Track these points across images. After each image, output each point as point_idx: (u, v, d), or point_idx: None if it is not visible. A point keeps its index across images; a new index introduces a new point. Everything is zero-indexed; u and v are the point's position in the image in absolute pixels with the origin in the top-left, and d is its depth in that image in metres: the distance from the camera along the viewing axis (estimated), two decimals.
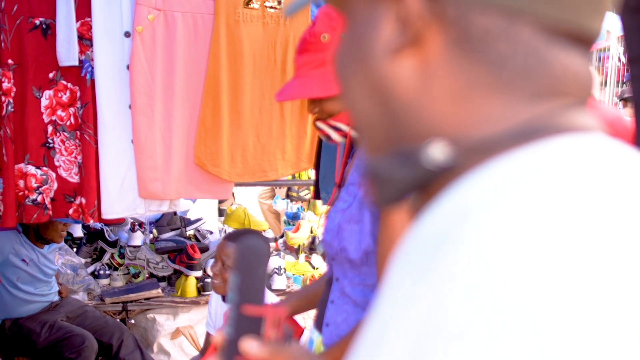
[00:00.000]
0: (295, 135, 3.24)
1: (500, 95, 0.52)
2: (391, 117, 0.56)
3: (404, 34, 0.53)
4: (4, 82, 2.90)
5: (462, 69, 0.52)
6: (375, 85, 0.56)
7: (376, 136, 0.59)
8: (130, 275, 4.62)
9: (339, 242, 1.71)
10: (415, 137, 0.54)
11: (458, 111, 0.52)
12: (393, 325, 0.44)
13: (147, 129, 3.00)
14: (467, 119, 0.52)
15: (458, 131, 0.52)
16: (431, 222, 0.48)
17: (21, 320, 3.76)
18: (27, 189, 2.99)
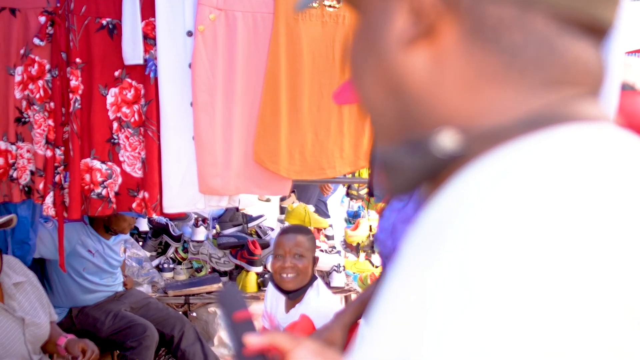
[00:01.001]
0: (354, 133, 3.25)
1: (511, 85, 0.52)
2: (403, 108, 0.57)
3: (418, 25, 0.54)
4: (72, 80, 3.01)
5: (474, 59, 0.52)
6: (387, 77, 0.57)
7: (388, 125, 0.60)
8: (193, 270, 4.72)
9: (392, 242, 1.73)
10: (426, 126, 0.55)
11: (469, 101, 0.53)
12: (391, 306, 0.46)
13: (207, 126, 3.07)
14: (478, 108, 0.53)
15: (468, 120, 0.53)
16: (436, 209, 0.50)
17: (87, 308, 3.90)
18: (92, 182, 3.10)
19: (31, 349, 2.82)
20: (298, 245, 3.00)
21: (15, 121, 3.07)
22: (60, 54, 2.99)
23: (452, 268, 0.42)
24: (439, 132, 0.53)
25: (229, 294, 1.10)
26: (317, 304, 2.95)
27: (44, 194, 3.05)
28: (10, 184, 3.12)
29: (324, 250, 4.85)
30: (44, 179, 3.05)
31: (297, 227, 3.16)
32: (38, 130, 3.05)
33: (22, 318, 2.77)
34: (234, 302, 1.07)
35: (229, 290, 1.12)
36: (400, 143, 0.57)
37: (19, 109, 3.06)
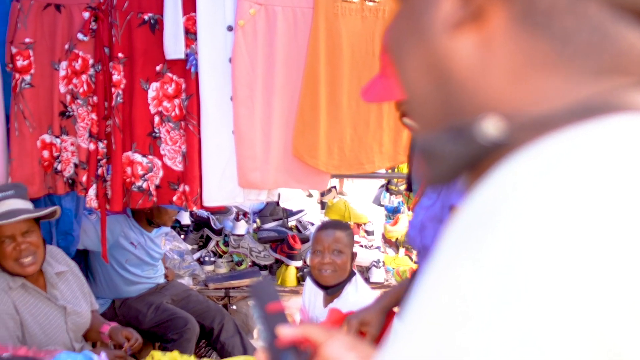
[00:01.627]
0: (393, 128, 3.23)
1: (560, 72, 0.50)
2: (446, 93, 0.55)
3: (465, 9, 0.52)
4: (114, 74, 3.06)
5: (523, 44, 0.51)
6: (431, 62, 0.55)
7: (429, 112, 0.58)
8: (234, 263, 4.77)
9: (421, 239, 1.72)
10: (469, 113, 0.53)
11: (516, 88, 0.51)
12: (428, 300, 0.45)
13: (247, 120, 3.09)
14: (525, 96, 0.51)
15: (514, 108, 0.51)
16: (478, 200, 0.48)
17: (129, 300, 3.96)
18: (133, 176, 3.14)
19: (73, 337, 2.88)
20: (337, 241, 3.00)
21: (60, 115, 3.14)
22: (103, 48, 3.04)
23: (499, 260, 0.41)
24: (483, 119, 0.51)
25: (262, 286, 1.09)
26: (355, 299, 2.95)
27: (87, 187, 3.10)
28: (54, 176, 3.19)
29: (364, 246, 4.85)
30: (87, 172, 3.10)
31: (336, 222, 3.16)
32: (81, 124, 3.11)
33: (64, 307, 2.84)
34: (268, 294, 1.07)
35: (262, 283, 1.13)
36: (442, 130, 0.55)
37: (64, 102, 3.12)
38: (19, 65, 3.06)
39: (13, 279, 2.68)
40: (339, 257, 2.98)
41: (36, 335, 2.70)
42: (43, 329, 2.74)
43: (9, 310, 2.62)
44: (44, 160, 3.16)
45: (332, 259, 2.97)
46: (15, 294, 2.67)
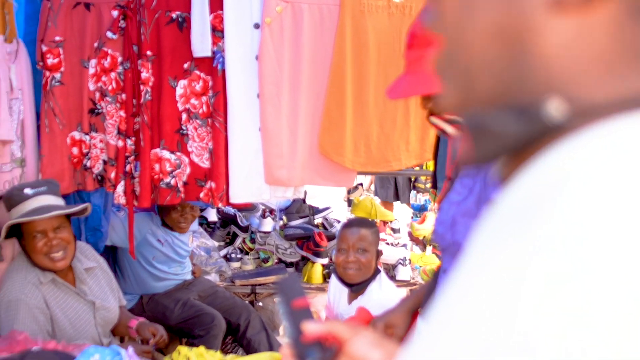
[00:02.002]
0: (420, 126, 3.22)
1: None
2: (516, 64, 0.53)
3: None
4: (143, 72, 3.09)
5: (627, 36, 0.50)
6: (512, 29, 0.52)
7: (486, 81, 0.55)
8: (260, 260, 4.78)
9: (452, 236, 1.71)
10: (534, 90, 0.52)
11: (602, 76, 0.50)
12: (471, 291, 0.44)
13: (274, 117, 3.10)
14: (609, 84, 0.50)
15: (585, 93, 0.50)
16: (525, 185, 0.48)
17: (157, 296, 3.99)
18: (161, 172, 3.17)
19: (101, 331, 2.92)
20: (361, 239, 2.99)
21: (89, 112, 3.18)
22: (131, 46, 3.07)
23: (562, 241, 0.41)
24: (551, 100, 0.50)
25: (288, 283, 1.09)
26: (380, 297, 2.94)
27: (115, 183, 3.14)
28: (84, 173, 3.23)
29: (390, 244, 4.84)
30: (116, 168, 3.14)
31: (361, 220, 3.16)
32: (110, 121, 3.15)
33: (93, 302, 2.87)
34: (294, 290, 1.06)
35: (289, 279, 1.11)
36: (500, 105, 0.53)
37: (93, 100, 3.16)
38: (49, 63, 3.10)
39: (43, 274, 2.72)
40: (364, 255, 2.98)
41: (65, 329, 2.73)
42: (72, 323, 2.77)
43: (39, 304, 2.66)
44: (73, 157, 3.20)
45: (357, 257, 2.97)
46: (46, 289, 2.71)
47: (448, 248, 1.73)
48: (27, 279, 2.67)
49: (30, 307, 2.63)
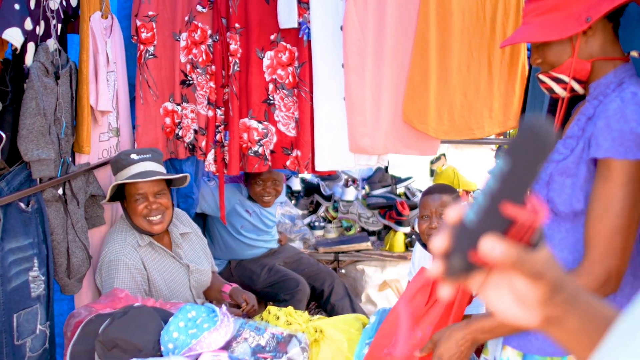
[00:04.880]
0: (504, 93, 3.21)
1: None
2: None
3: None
4: (232, 44, 3.19)
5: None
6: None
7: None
8: (343, 228, 4.87)
9: (547, 192, 1.75)
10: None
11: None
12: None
13: (358, 86, 3.15)
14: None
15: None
16: None
17: (244, 261, 4.14)
18: (249, 141, 3.28)
19: (195, 293, 3.06)
20: (443, 205, 3.00)
21: (181, 84, 3.31)
22: (220, 19, 3.17)
23: None
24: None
25: (532, 135, 0.68)
26: None
27: (206, 151, 3.27)
28: (176, 142, 3.38)
29: None
30: (206, 138, 3.27)
31: (442, 186, 3.15)
32: (201, 92, 3.27)
33: (187, 265, 3.02)
34: (529, 152, 0.69)
35: (536, 130, 0.68)
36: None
37: (184, 72, 3.29)
38: (143, 37, 3.24)
39: (142, 237, 2.88)
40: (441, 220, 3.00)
41: (161, 290, 2.89)
42: (168, 284, 2.93)
43: (137, 265, 2.82)
44: (166, 126, 3.35)
45: (440, 222, 2.99)
46: (144, 251, 2.87)
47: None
48: (127, 241, 2.83)
49: (129, 267, 2.79)
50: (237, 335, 2.38)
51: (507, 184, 0.69)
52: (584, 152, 1.69)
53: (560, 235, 1.77)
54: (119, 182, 2.80)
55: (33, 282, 2.47)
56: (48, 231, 2.56)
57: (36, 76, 2.39)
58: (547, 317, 0.75)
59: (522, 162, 0.68)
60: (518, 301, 0.76)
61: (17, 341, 2.41)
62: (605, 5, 1.67)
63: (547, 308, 0.75)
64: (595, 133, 1.64)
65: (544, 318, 0.75)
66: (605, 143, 1.62)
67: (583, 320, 0.77)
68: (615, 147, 1.60)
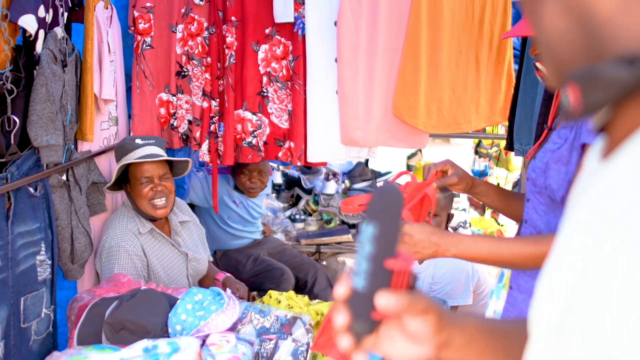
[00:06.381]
0: (490, 89, 3.33)
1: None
2: (586, 33, 0.60)
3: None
4: (228, 36, 3.26)
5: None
6: (576, 4, 0.60)
7: (566, 51, 0.63)
8: (323, 221, 4.97)
9: (544, 180, 1.86)
10: (610, 51, 0.58)
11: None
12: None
13: (351, 80, 3.24)
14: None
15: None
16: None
17: (230, 252, 4.20)
18: (244, 132, 3.35)
19: (191, 281, 3.12)
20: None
21: (176, 75, 3.36)
22: (217, 12, 3.23)
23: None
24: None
25: (388, 196, 0.79)
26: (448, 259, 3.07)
27: (200, 142, 3.33)
28: (170, 132, 3.43)
29: None
30: (201, 128, 3.33)
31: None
32: (196, 83, 3.33)
33: (186, 253, 3.08)
34: (390, 209, 0.79)
35: (391, 192, 0.79)
36: (611, 60, 0.58)
37: (180, 63, 3.35)
38: (141, 28, 3.29)
39: (143, 225, 2.93)
40: (434, 219, 3.09)
41: (160, 276, 2.94)
42: (166, 271, 2.98)
43: (138, 252, 2.87)
44: (161, 116, 3.40)
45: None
46: (144, 238, 2.92)
47: (541, 192, 1.87)
48: (128, 228, 2.88)
49: (129, 253, 2.84)
50: (243, 318, 2.46)
51: (380, 244, 0.78)
52: (575, 140, 1.81)
53: (557, 220, 1.88)
54: (127, 162, 2.85)
55: (40, 266, 2.51)
56: (54, 216, 2.60)
57: (46, 63, 2.43)
58: (439, 344, 0.84)
59: (385, 222, 0.78)
60: (412, 340, 0.84)
61: (23, 324, 2.45)
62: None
63: (439, 334, 0.84)
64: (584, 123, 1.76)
65: (436, 345, 0.84)
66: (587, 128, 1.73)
67: (464, 333, 0.87)
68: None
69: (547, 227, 1.89)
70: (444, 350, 0.86)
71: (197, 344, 2.16)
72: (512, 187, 5.20)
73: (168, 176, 2.95)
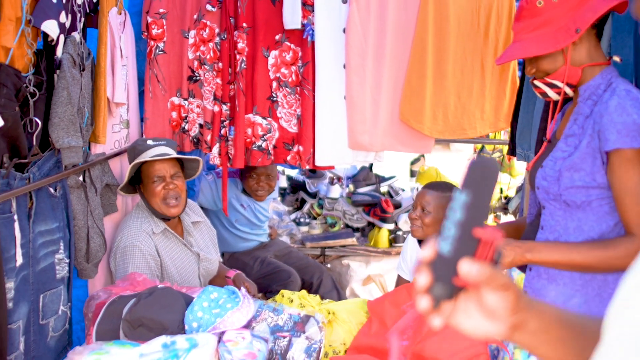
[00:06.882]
0: (495, 96, 3.41)
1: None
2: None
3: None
4: (239, 42, 3.33)
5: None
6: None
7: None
8: (327, 225, 5.03)
9: (559, 187, 1.95)
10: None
11: None
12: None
13: (358, 86, 3.33)
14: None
15: None
16: None
17: (237, 254, 4.27)
18: (254, 136, 3.43)
19: (203, 281, 3.19)
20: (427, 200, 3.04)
21: (188, 79, 3.44)
22: (229, 19, 3.31)
23: None
24: None
25: (484, 166, 0.81)
26: None
27: (211, 145, 3.41)
28: (182, 135, 3.51)
29: None
30: (212, 132, 3.40)
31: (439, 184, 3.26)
32: (207, 88, 3.41)
33: (198, 253, 3.15)
34: (485, 180, 0.80)
35: (486, 162, 0.81)
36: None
37: (192, 68, 3.42)
38: (154, 34, 3.37)
39: (156, 225, 3.00)
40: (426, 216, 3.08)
41: (173, 276, 3.01)
42: (179, 271, 3.05)
43: (151, 251, 2.94)
44: (172, 120, 3.48)
45: (419, 215, 3.06)
46: (158, 238, 2.99)
47: (555, 199, 1.96)
48: (142, 228, 2.95)
49: (144, 253, 2.91)
50: (257, 316, 2.53)
51: (471, 212, 0.80)
52: (588, 147, 1.89)
53: (574, 224, 1.96)
54: (139, 161, 2.93)
55: (58, 264, 2.58)
56: (71, 216, 2.67)
57: (67, 67, 2.51)
58: (514, 324, 0.84)
59: (479, 191, 0.80)
60: (488, 315, 0.84)
61: (42, 320, 2.52)
62: (589, 16, 1.88)
63: (515, 314, 0.83)
64: (602, 129, 1.85)
65: (511, 325, 0.84)
66: (612, 136, 1.82)
67: (540, 319, 0.86)
68: (622, 138, 1.80)
69: (565, 232, 1.98)
70: (517, 332, 0.85)
71: (215, 340, 2.23)
72: (515, 192, 5.27)
73: (179, 175, 3.02)
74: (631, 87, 1.89)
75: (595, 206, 1.92)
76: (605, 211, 1.92)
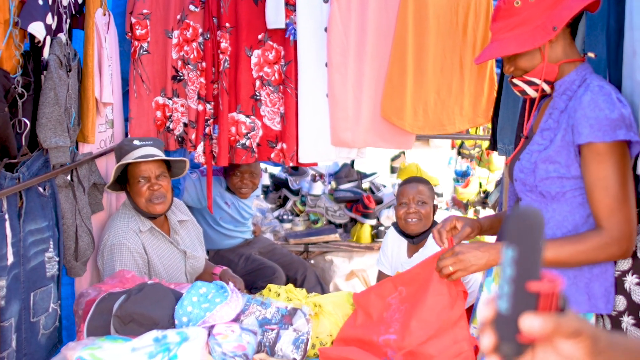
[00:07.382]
0: (473, 92, 3.48)
1: None
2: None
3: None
4: (222, 42, 3.38)
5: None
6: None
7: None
8: (310, 221, 5.10)
9: (534, 179, 2.03)
10: None
11: None
12: None
13: (340, 84, 3.39)
14: None
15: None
16: None
17: (222, 251, 4.32)
18: (238, 134, 3.48)
19: (189, 278, 3.24)
20: (420, 193, 3.27)
21: (172, 79, 3.48)
22: (212, 19, 3.36)
23: None
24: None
25: (526, 220, 0.78)
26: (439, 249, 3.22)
27: (195, 144, 3.45)
28: (166, 134, 3.55)
29: None
30: (196, 130, 3.45)
31: (418, 178, 3.43)
32: (191, 87, 3.45)
33: (184, 251, 3.19)
34: (529, 235, 0.77)
35: (528, 215, 0.78)
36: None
37: (175, 68, 3.47)
38: (138, 34, 3.41)
39: (143, 223, 3.04)
40: (423, 207, 3.25)
41: (160, 273, 3.05)
42: (166, 268, 3.10)
43: (139, 249, 2.98)
44: (157, 119, 3.52)
45: (417, 208, 3.24)
46: (144, 237, 3.03)
47: (531, 190, 2.04)
48: (129, 227, 2.99)
49: (131, 250, 2.95)
50: (245, 309, 2.58)
51: (522, 267, 0.77)
52: (563, 140, 1.97)
53: (548, 214, 2.04)
54: (124, 162, 2.96)
55: (48, 262, 2.62)
56: (60, 215, 2.71)
57: (54, 68, 2.54)
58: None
59: (525, 244, 0.77)
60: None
61: (33, 318, 2.56)
62: (565, 14, 1.95)
63: (596, 358, 0.81)
64: (575, 123, 1.93)
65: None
66: (584, 130, 1.90)
67: (627, 355, 0.85)
68: (594, 132, 1.88)
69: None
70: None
71: (205, 333, 2.28)
72: (495, 185, 5.37)
73: (165, 175, 3.06)
74: (604, 83, 1.97)
75: (569, 197, 2.01)
76: (579, 202, 2.00)
